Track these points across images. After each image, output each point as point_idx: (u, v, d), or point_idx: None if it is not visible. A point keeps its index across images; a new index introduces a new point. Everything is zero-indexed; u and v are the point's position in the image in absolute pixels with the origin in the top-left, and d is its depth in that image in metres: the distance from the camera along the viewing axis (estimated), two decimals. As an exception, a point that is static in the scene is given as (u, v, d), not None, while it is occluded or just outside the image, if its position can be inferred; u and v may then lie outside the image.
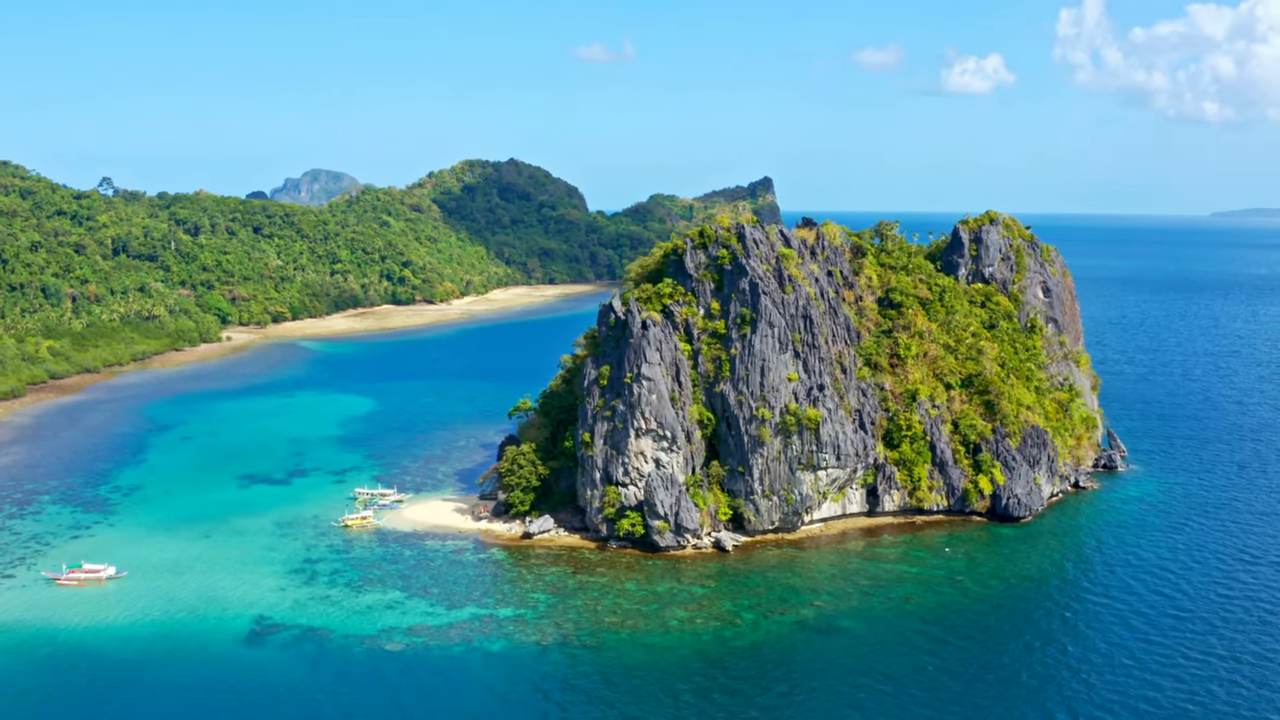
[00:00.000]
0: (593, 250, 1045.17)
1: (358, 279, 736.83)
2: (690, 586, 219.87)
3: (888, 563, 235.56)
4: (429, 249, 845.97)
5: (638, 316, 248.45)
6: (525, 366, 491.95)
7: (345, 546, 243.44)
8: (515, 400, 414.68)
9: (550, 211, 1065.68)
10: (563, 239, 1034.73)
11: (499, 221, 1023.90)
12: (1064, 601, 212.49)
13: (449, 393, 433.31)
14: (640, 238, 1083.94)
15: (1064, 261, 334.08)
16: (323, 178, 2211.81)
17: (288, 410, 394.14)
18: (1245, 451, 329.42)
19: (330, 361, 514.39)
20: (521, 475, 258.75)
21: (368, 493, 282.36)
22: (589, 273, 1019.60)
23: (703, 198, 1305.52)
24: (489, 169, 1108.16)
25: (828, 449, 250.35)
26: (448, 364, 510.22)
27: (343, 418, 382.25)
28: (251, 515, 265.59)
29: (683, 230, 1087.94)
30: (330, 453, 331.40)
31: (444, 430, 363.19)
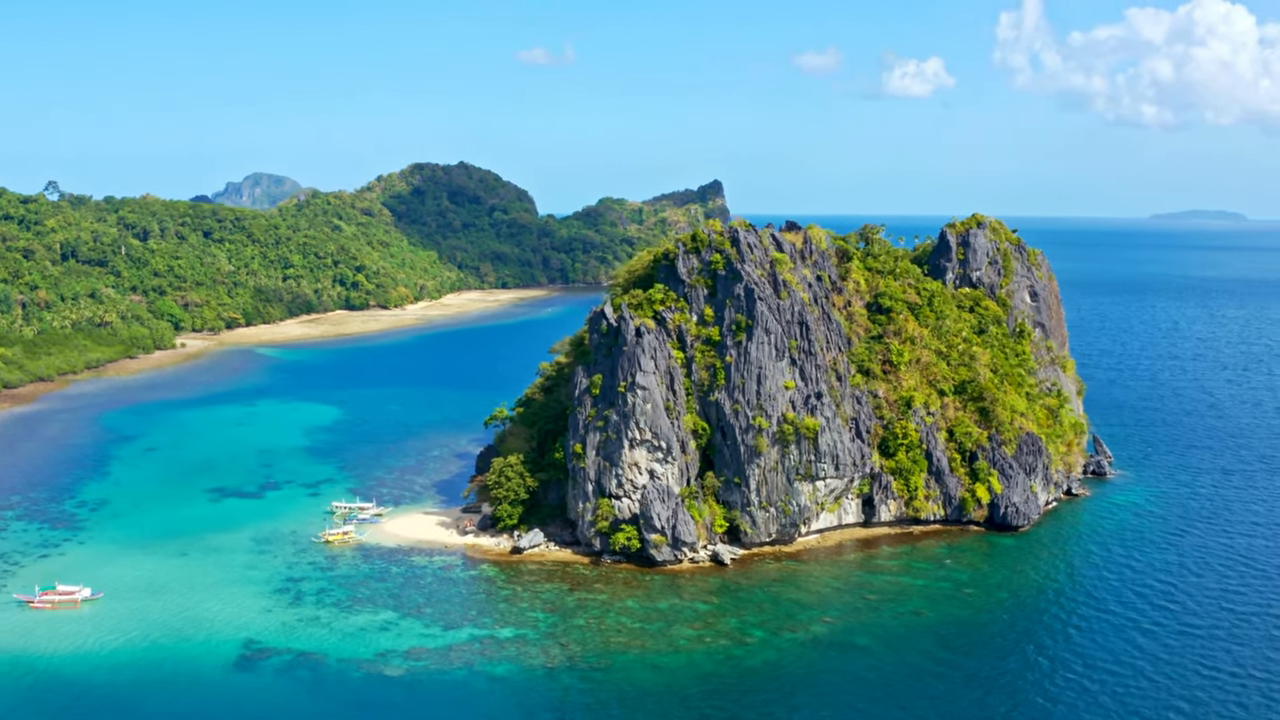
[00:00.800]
0: (545, 254, 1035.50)
1: (310, 284, 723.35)
2: (693, 603, 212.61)
3: (890, 575, 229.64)
4: (381, 253, 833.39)
5: (631, 323, 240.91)
6: (490, 373, 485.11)
7: (328, 564, 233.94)
8: (483, 408, 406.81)
9: (502, 215, 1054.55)
10: (515, 243, 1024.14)
11: (450, 225, 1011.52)
12: (1073, 616, 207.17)
13: (414, 401, 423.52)
14: (592, 241, 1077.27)
15: (1049, 265, 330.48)
16: (264, 181, 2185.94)
17: (251, 420, 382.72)
18: (1227, 457, 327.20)
19: (289, 369, 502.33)
20: (509, 488, 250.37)
21: (345, 506, 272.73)
22: (541, 277, 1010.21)
23: (652, 201, 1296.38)
24: (439, 172, 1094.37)
25: (826, 459, 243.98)
26: (410, 371, 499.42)
27: (308, 427, 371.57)
28: (227, 531, 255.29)
29: (634, 234, 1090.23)
30: (300, 464, 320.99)
31: (415, 440, 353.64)
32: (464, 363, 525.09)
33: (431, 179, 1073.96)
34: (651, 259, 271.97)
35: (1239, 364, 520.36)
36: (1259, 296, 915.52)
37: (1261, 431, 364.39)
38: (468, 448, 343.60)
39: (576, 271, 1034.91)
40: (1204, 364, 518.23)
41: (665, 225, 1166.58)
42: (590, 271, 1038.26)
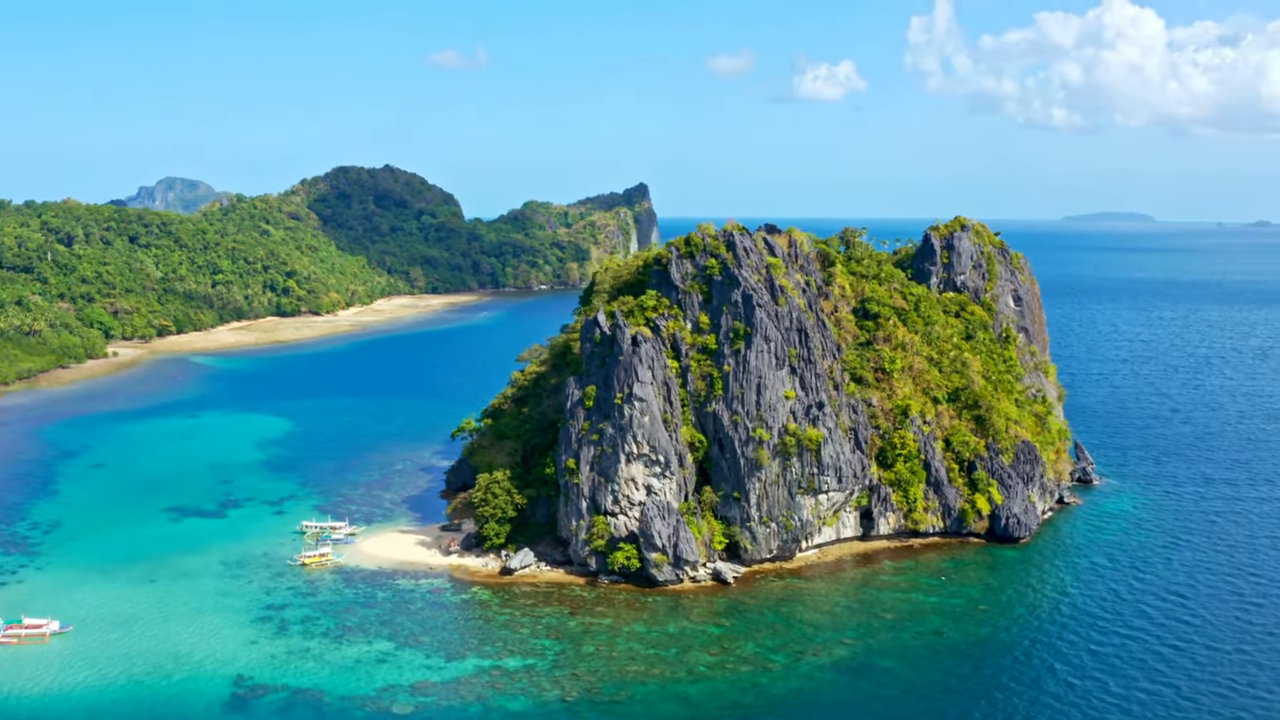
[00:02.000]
0: (475, 259, 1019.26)
1: (241, 290, 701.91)
2: (703, 626, 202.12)
3: (899, 592, 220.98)
4: (311, 258, 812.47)
5: (626, 332, 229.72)
6: (438, 381, 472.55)
7: (308, 588, 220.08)
8: (439, 418, 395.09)
9: (430, 219, 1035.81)
10: (444, 247, 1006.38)
11: (377, 229, 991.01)
12: (1094, 633, 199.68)
13: (365, 410, 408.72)
14: (522, 245, 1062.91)
15: (1031, 268, 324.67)
16: (178, 185, 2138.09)
17: (198, 432, 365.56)
18: (1205, 464, 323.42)
19: (227, 378, 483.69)
20: (496, 505, 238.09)
21: (316, 526, 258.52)
22: (472, 281, 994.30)
23: (577, 204, 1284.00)
24: (363, 175, 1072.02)
25: (829, 471, 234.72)
26: (354, 380, 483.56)
27: (259, 440, 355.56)
28: (193, 554, 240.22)
29: (563, 238, 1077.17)
30: (259, 480, 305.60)
31: (374, 453, 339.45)
32: (409, 371, 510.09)
33: (356, 182, 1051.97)
34: (641, 264, 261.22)
35: (1189, 366, 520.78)
36: (1190, 299, 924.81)
37: (1231, 435, 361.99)
38: (432, 460, 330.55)
39: (507, 276, 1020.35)
40: (1154, 367, 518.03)
41: (594, 228, 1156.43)
42: (521, 276, 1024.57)
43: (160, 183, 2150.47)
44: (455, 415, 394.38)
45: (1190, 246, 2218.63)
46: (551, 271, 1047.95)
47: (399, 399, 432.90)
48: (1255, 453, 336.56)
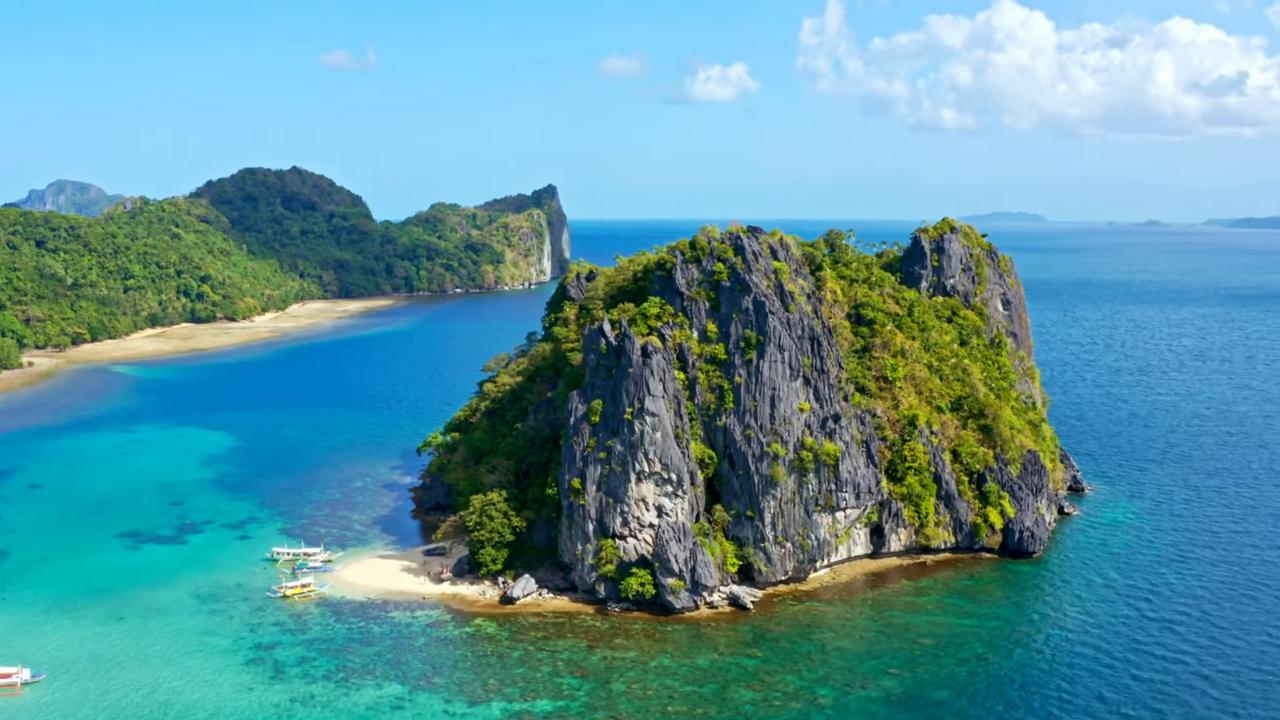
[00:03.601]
0: (389, 262, 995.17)
1: (154, 295, 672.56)
2: (735, 658, 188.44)
3: (929, 614, 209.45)
4: (224, 262, 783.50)
5: (636, 342, 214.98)
6: (375, 390, 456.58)
7: (296, 624, 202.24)
8: (387, 430, 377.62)
9: (341, 221, 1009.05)
10: (356, 250, 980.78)
11: (287, 232, 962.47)
12: (1130, 655, 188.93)
13: (306, 423, 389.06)
14: (436, 248, 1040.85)
15: (1016, 271, 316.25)
16: (69, 188, 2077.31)
17: (137, 448, 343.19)
18: (1183, 469, 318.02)
19: (154, 389, 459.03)
20: (493, 528, 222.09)
21: (289, 553, 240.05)
22: (386, 285, 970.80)
23: (485, 206, 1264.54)
24: (270, 177, 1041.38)
25: (847, 487, 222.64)
26: (287, 390, 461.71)
27: (204, 456, 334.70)
28: (160, 586, 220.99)
29: (476, 240, 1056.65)
30: (213, 501, 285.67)
31: (328, 468, 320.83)
32: (342, 380, 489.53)
33: (263, 184, 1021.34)
34: (641, 269, 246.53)
35: (1132, 369, 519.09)
36: (1108, 299, 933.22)
37: (1197, 439, 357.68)
38: (391, 476, 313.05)
39: (421, 279, 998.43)
40: (1099, 370, 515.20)
41: (507, 230, 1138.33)
42: (435, 279, 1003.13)
43: (51, 185, 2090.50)
44: (403, 426, 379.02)
45: (1085, 246, 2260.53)
46: (466, 275, 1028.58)
47: (339, 409, 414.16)
48: (1229, 457, 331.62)
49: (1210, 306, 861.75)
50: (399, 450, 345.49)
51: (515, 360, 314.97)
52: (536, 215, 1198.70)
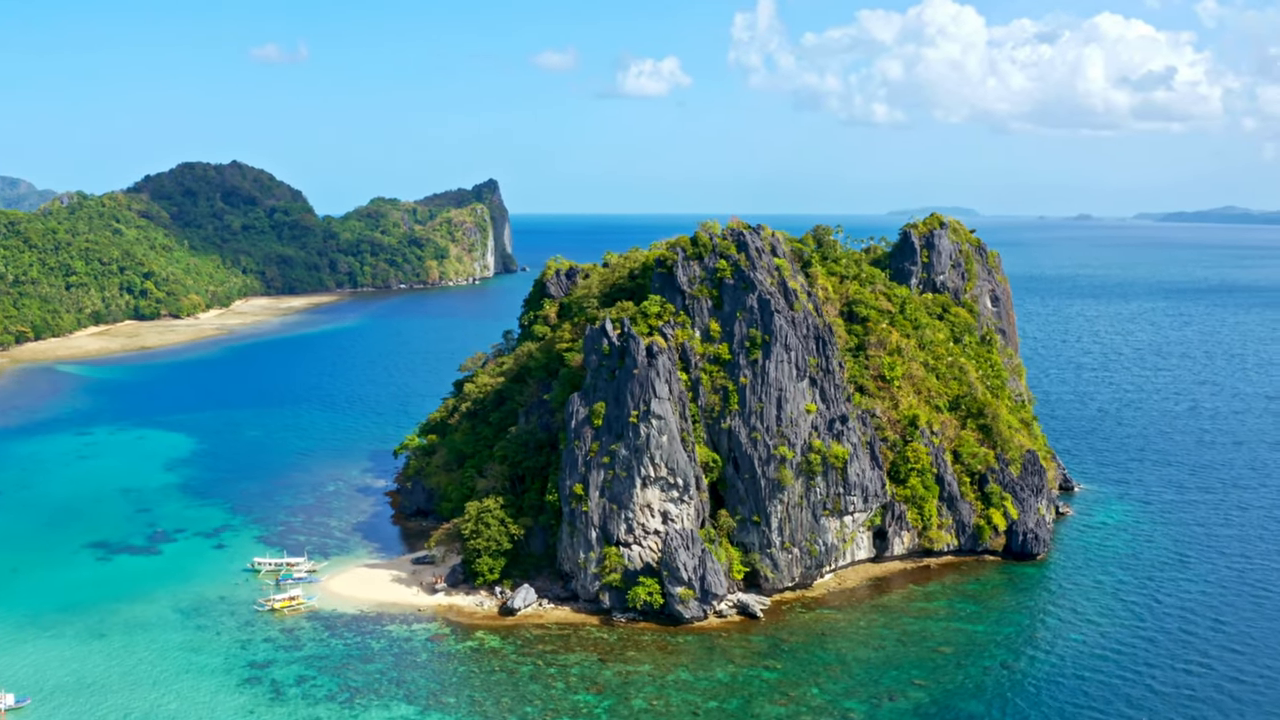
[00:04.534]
0: (332, 257, 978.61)
1: (98, 292, 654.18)
2: (753, 669, 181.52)
3: (942, 620, 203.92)
4: (166, 259, 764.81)
5: (640, 343, 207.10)
6: (332, 390, 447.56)
7: (289, 640, 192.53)
8: (347, 431, 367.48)
9: (284, 217, 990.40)
10: (299, 245, 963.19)
11: (229, 228, 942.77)
12: (1146, 667, 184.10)
13: (266, 424, 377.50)
14: (380, 244, 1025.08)
15: (1002, 266, 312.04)
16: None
17: (95, 452, 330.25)
18: (1165, 467, 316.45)
19: (105, 389, 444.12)
20: (490, 536, 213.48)
21: (271, 563, 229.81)
22: (329, 281, 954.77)
23: (426, 200, 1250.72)
24: (210, 171, 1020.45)
25: (855, 491, 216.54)
26: (241, 389, 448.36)
27: (166, 459, 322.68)
28: (139, 600, 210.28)
29: (420, 235, 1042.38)
30: (181, 507, 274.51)
31: (297, 472, 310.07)
32: (295, 379, 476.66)
33: (203, 179, 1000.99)
34: (640, 266, 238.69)
35: (1094, 365, 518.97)
36: (1054, 293, 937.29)
37: (1172, 436, 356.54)
38: (364, 480, 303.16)
39: (365, 275, 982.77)
40: (1062, 367, 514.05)
41: (451, 225, 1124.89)
42: (379, 275, 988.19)
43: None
44: (365, 427, 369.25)
45: (1020, 240, 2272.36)
46: (410, 270, 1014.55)
47: (297, 410, 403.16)
48: (1208, 456, 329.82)
49: (1155, 301, 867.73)
50: (367, 452, 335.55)
51: (493, 360, 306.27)
52: (480, 210, 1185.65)
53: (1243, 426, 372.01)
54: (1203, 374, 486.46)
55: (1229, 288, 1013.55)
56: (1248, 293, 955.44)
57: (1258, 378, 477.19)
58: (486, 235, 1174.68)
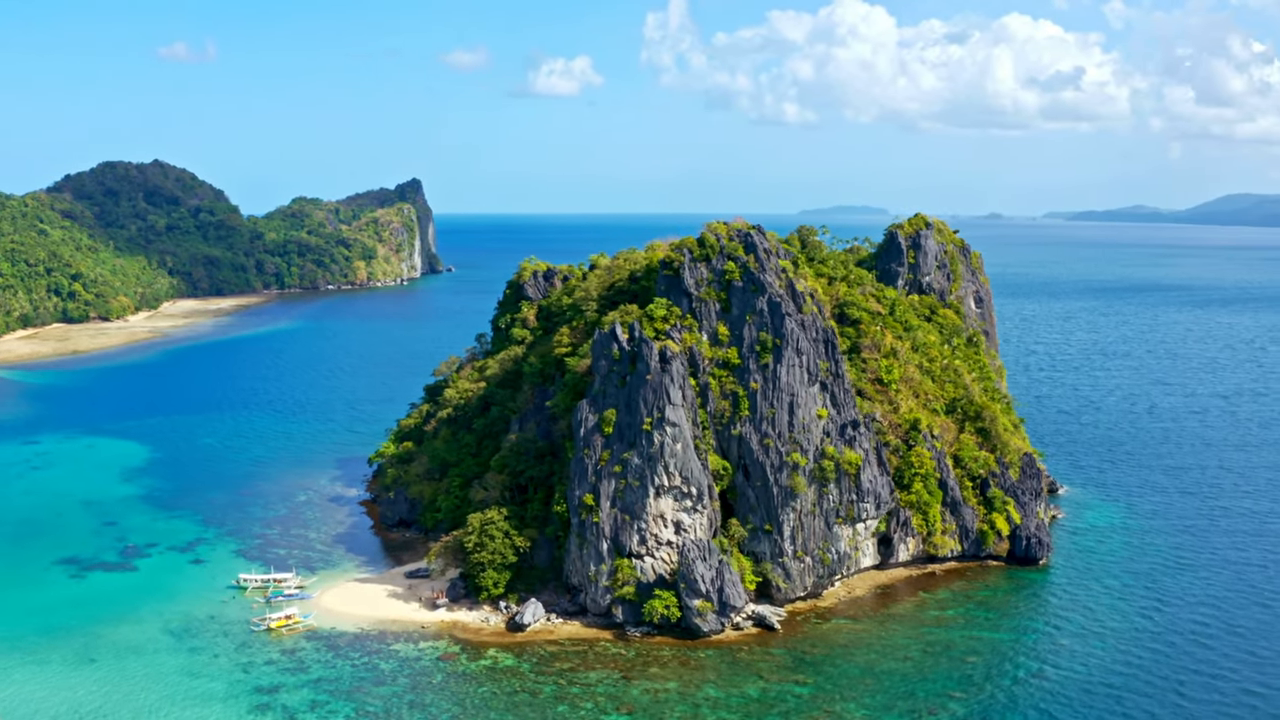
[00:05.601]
0: (258, 258, 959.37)
1: (25, 295, 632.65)
2: (784, 685, 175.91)
3: (962, 629, 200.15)
4: (93, 260, 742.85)
5: (653, 347, 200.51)
6: (279, 395, 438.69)
7: (292, 661, 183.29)
8: (306, 437, 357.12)
9: (209, 217, 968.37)
10: (225, 246, 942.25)
11: (153, 228, 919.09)
12: (1169, 673, 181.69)
13: (219, 430, 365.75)
14: (307, 244, 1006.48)
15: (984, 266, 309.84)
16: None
17: (47, 462, 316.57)
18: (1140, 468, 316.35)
19: (44, 395, 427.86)
20: (494, 549, 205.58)
21: (258, 579, 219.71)
22: (256, 282, 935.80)
23: (347, 200, 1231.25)
24: (131, 170, 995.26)
25: (869, 498, 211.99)
26: (185, 394, 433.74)
27: (123, 469, 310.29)
28: (123, 621, 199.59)
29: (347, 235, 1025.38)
30: (150, 520, 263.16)
31: (263, 482, 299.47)
32: (237, 383, 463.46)
33: (125, 178, 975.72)
34: (642, 267, 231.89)
35: (1043, 365, 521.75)
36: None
37: (1147, 438, 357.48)
38: (334, 488, 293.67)
39: (292, 276, 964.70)
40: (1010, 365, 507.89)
41: (378, 225, 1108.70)
42: (307, 276, 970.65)
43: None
44: (321, 434, 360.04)
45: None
46: (339, 271, 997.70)
47: (246, 415, 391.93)
48: (1179, 457, 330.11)
49: (1085, 300, 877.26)
50: (330, 460, 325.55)
51: (468, 364, 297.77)
52: (406, 210, 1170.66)
53: (1206, 428, 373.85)
54: (1152, 374, 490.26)
55: (1154, 286, 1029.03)
56: (1174, 291, 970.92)
57: (1207, 378, 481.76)
58: (414, 235, 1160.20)
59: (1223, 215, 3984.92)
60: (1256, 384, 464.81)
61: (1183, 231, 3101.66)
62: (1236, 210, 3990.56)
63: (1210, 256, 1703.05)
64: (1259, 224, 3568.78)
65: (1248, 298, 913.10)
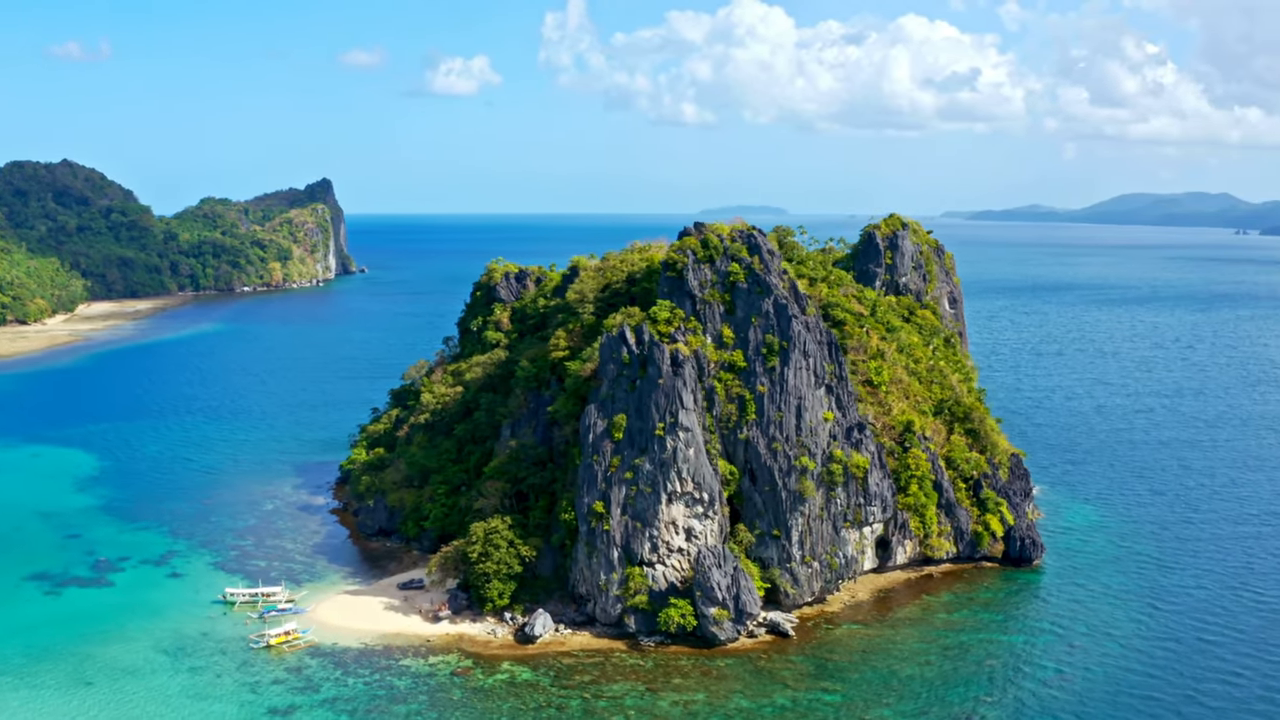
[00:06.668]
0: (173, 259, 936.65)
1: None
2: (812, 693, 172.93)
3: (972, 631, 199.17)
4: (7, 262, 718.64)
5: (665, 351, 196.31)
6: (214, 400, 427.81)
7: (301, 680, 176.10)
8: (257, 443, 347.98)
9: (121, 217, 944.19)
10: (139, 247, 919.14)
11: (64, 229, 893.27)
12: (1184, 676, 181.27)
13: (163, 438, 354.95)
14: (222, 245, 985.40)
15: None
16: None
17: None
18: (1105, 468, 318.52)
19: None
20: (500, 559, 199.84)
21: (245, 593, 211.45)
22: (172, 284, 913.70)
23: (256, 200, 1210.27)
24: (40, 170, 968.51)
25: (875, 501, 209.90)
26: (120, 400, 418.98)
27: (74, 479, 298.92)
28: (111, 640, 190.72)
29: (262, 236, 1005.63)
30: (115, 531, 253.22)
31: (224, 490, 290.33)
32: (170, 389, 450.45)
33: (33, 178, 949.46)
34: (643, 269, 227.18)
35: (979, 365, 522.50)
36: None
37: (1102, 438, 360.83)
38: (299, 496, 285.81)
39: (207, 277, 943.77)
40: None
41: (292, 226, 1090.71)
42: (223, 277, 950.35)
43: None
44: (266, 440, 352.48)
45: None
46: (254, 272, 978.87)
47: (186, 422, 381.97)
48: (1140, 458, 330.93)
49: (1002, 299, 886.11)
50: (287, 467, 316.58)
51: (438, 367, 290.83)
52: (321, 210, 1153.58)
53: (1156, 427, 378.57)
54: (1089, 373, 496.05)
55: (1067, 285, 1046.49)
56: (1088, 290, 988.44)
57: (1144, 376, 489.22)
58: (328, 236, 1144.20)
59: (1117, 215, 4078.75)
60: (1193, 382, 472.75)
61: (1080, 231, 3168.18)
62: (1131, 210, 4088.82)
63: (1112, 256, 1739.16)
64: (1153, 223, 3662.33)
65: (1160, 296, 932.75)
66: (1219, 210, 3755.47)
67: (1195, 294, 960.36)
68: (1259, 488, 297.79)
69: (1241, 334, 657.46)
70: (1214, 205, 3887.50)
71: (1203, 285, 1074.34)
